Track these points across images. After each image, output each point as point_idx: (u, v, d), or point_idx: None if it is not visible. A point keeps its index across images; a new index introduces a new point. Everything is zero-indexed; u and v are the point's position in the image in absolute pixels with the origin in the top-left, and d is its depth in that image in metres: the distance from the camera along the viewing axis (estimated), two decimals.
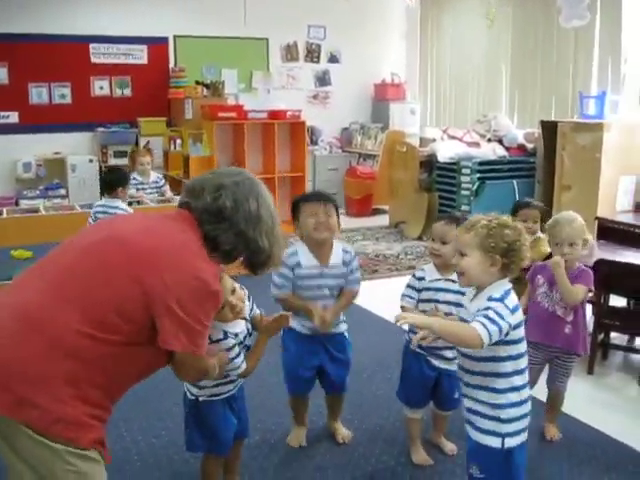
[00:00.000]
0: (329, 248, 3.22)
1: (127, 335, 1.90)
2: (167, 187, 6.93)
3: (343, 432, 3.47)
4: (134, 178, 6.65)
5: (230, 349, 2.53)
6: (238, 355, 2.56)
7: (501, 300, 2.23)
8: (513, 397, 2.31)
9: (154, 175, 6.85)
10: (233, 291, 2.52)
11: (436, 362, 3.10)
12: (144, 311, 1.90)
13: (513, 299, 2.28)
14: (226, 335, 2.54)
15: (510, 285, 2.33)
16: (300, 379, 3.29)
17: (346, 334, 3.38)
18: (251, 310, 2.72)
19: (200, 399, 2.66)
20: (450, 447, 3.32)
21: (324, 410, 3.54)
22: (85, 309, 1.86)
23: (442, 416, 3.35)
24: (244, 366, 2.59)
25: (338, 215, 3.23)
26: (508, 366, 2.30)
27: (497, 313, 2.19)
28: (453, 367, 2.89)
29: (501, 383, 2.30)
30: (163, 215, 2.18)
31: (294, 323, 3.17)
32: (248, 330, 2.67)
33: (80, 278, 1.91)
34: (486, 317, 2.19)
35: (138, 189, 6.60)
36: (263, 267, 2.25)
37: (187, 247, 2.00)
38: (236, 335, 2.58)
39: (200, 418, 2.68)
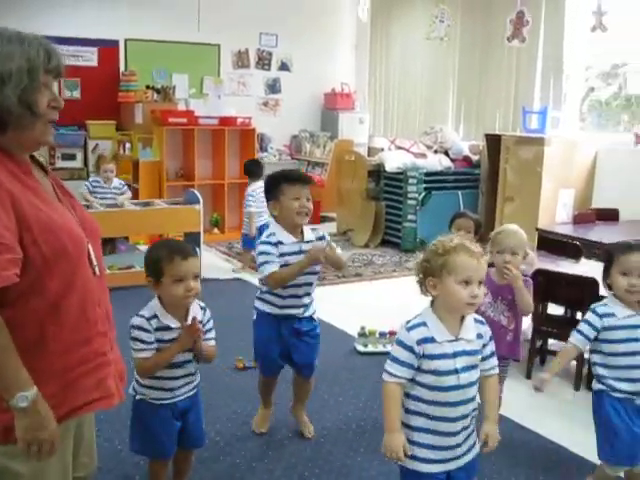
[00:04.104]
0: (300, 227, 3.30)
1: None
2: (128, 194, 6.94)
3: (310, 426, 3.58)
4: (97, 181, 6.79)
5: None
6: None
7: None
8: None
9: (117, 181, 6.90)
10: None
11: None
12: None
13: None
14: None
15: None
16: (270, 359, 3.42)
17: (315, 317, 3.45)
18: (209, 330, 2.76)
19: (137, 397, 2.70)
20: None
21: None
22: None
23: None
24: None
25: None
26: None
27: None
28: None
29: None
30: None
31: (264, 306, 3.33)
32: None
33: None
34: None
35: (97, 193, 6.66)
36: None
37: None
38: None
39: (138, 417, 2.72)
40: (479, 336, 2.28)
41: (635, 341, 2.75)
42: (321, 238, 3.33)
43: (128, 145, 8.98)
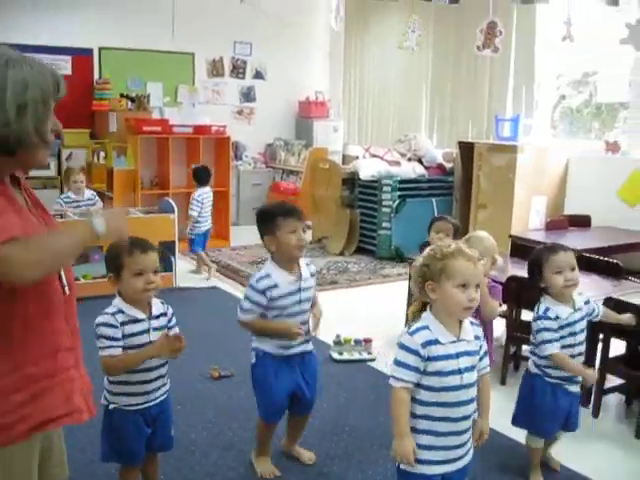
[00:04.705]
0: (297, 262, 3.21)
1: None
2: (99, 205, 6.88)
3: (308, 453, 3.45)
4: (68, 196, 6.67)
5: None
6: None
7: None
8: None
9: (88, 192, 6.81)
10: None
11: (572, 388, 3.18)
12: None
13: None
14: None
15: None
16: (280, 403, 3.22)
17: (314, 351, 3.36)
18: (170, 328, 2.75)
19: (110, 407, 2.69)
20: (557, 463, 3.42)
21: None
22: None
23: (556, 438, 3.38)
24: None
25: None
26: None
27: None
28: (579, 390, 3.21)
29: None
30: None
31: (267, 346, 3.16)
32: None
33: None
34: None
35: (74, 207, 6.60)
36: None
37: None
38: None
39: (110, 425, 2.71)
40: (477, 337, 2.38)
41: (572, 336, 3.09)
42: (312, 275, 3.27)
43: (102, 154, 8.93)
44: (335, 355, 4.84)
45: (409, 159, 8.55)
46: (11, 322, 1.77)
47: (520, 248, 5.40)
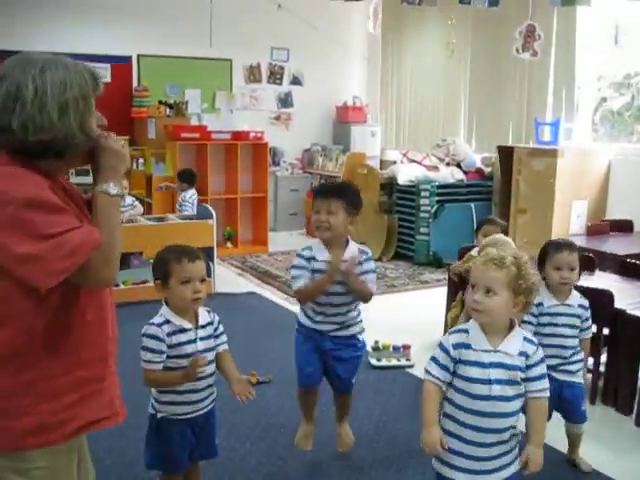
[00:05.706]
0: (342, 245, 3.22)
1: None
2: (140, 209, 6.97)
3: (344, 439, 3.47)
4: None
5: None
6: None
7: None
8: None
9: (129, 198, 6.92)
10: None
11: (558, 375, 3.25)
12: None
13: None
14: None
15: None
16: (306, 368, 3.30)
17: (359, 337, 3.37)
18: (218, 336, 2.79)
19: (158, 415, 2.70)
20: (588, 465, 3.41)
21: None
22: None
23: (575, 433, 3.41)
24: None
25: (352, 210, 3.21)
26: None
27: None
28: (576, 379, 3.30)
29: None
30: None
31: (301, 318, 3.31)
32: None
33: None
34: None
35: None
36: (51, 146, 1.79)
37: None
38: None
39: (157, 434, 2.71)
40: (523, 354, 2.28)
41: (554, 326, 3.29)
42: (360, 262, 3.24)
43: (141, 160, 9.03)
44: (373, 361, 4.82)
45: (447, 164, 8.50)
46: (69, 329, 1.82)
47: None
